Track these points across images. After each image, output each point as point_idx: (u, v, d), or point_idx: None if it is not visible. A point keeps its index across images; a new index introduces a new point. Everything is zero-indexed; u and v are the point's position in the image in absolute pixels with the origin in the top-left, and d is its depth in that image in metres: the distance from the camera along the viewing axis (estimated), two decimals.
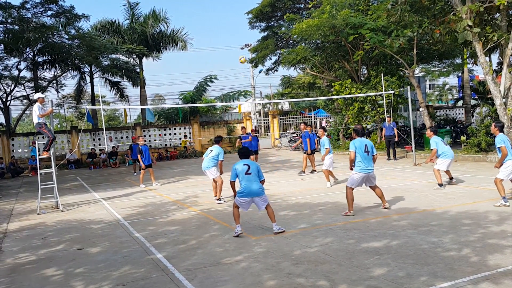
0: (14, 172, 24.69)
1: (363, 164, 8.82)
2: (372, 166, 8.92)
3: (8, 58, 31.05)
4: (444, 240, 6.69)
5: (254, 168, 7.81)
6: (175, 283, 5.61)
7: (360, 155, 8.82)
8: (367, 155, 8.85)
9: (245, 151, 8.29)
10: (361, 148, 8.84)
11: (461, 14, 15.67)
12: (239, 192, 7.74)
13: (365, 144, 8.92)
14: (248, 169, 7.77)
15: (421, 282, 5.09)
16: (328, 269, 5.72)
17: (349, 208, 8.78)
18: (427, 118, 20.32)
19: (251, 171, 7.75)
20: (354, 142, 8.98)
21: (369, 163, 8.88)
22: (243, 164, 7.83)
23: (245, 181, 7.72)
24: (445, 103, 57.26)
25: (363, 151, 8.83)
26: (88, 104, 41.39)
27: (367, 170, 8.83)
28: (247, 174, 7.74)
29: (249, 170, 7.75)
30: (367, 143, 8.97)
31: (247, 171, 7.75)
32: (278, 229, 7.67)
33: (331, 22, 20.62)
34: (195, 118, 32.72)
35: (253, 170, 7.78)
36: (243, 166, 7.80)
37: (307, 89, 45.39)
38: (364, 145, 8.89)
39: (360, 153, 8.82)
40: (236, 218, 7.75)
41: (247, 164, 7.85)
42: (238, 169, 7.80)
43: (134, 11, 34.47)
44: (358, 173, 8.85)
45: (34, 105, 11.90)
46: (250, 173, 7.75)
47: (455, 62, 32.08)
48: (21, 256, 7.38)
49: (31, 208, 12.45)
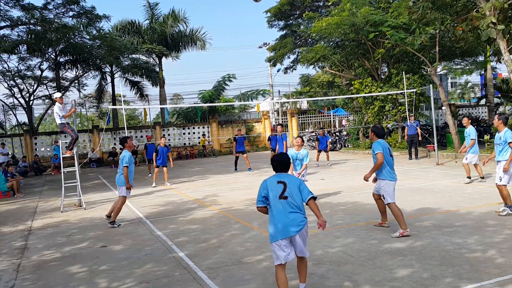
0: (37, 171, 25.13)
1: (391, 170, 7.43)
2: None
3: (31, 58, 31.72)
4: (468, 241, 6.58)
5: (293, 188, 4.90)
6: (198, 281, 5.64)
7: (385, 159, 7.34)
8: (392, 159, 7.54)
9: (282, 159, 5.21)
10: (386, 151, 7.40)
11: (485, 10, 15.36)
12: (270, 233, 4.90)
13: (388, 147, 7.54)
14: (284, 189, 4.89)
15: (446, 284, 5.02)
16: (351, 269, 5.68)
17: (402, 225, 7.12)
18: (450, 117, 20.01)
19: (288, 194, 4.86)
20: (380, 142, 7.44)
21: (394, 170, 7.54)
22: (276, 182, 4.96)
23: (278, 211, 4.83)
24: (468, 102, 56.34)
25: (388, 155, 7.43)
26: (108, 103, 41.89)
27: (396, 177, 7.48)
28: (283, 199, 4.87)
29: (285, 192, 4.88)
30: (388, 146, 7.62)
31: (282, 194, 4.88)
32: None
33: (351, 20, 20.47)
34: (213, 117, 32.85)
35: (292, 192, 4.87)
36: (277, 185, 4.93)
37: (326, 87, 45.14)
38: (387, 148, 7.49)
39: (386, 157, 7.37)
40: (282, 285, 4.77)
41: (283, 181, 4.95)
42: (270, 189, 4.93)
43: (154, 11, 34.75)
44: (392, 182, 7.41)
45: (54, 106, 12.09)
46: (286, 196, 4.86)
47: (478, 60, 31.51)
48: (46, 253, 7.52)
49: (54, 206, 12.66)
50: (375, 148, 7.35)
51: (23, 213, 11.95)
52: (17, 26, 25.58)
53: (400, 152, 21.77)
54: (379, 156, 7.26)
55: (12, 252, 7.81)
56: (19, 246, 8.22)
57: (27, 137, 28.03)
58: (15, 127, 39.24)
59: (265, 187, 4.97)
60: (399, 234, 7.01)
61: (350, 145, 27.34)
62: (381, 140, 7.52)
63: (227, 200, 11.71)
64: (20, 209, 12.77)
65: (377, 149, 7.31)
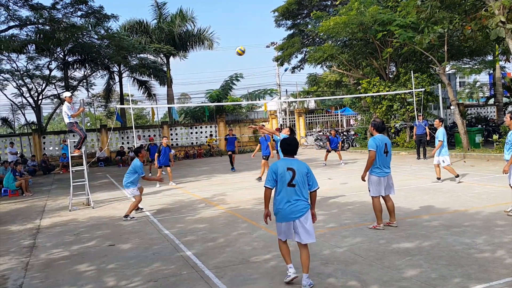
0: (45, 170, 25.29)
1: (381, 167, 7.55)
2: (389, 169, 7.68)
3: (40, 58, 31.92)
4: (477, 241, 6.54)
5: (300, 176, 5.22)
6: (205, 280, 5.64)
7: (378, 157, 7.48)
8: (385, 156, 7.57)
9: (291, 142, 5.47)
10: (381, 147, 7.48)
11: (494, 10, 15.27)
12: (274, 212, 5.34)
13: (385, 142, 7.58)
14: (293, 177, 5.17)
15: (455, 284, 4.98)
16: (359, 269, 5.66)
17: (378, 221, 7.59)
18: (458, 116, 19.88)
19: (296, 181, 5.18)
20: (375, 139, 7.55)
21: (388, 166, 7.64)
22: (286, 169, 5.21)
23: (284, 195, 5.19)
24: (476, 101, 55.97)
25: (382, 152, 7.50)
26: (116, 103, 42.09)
27: (385, 173, 7.60)
28: (291, 186, 5.19)
29: (293, 179, 5.17)
30: (387, 141, 7.65)
31: (291, 181, 5.17)
32: (309, 284, 5.14)
33: (359, 19, 20.38)
34: (221, 116, 32.90)
35: (300, 180, 5.20)
36: (287, 171, 5.19)
37: (334, 87, 45.02)
38: (384, 144, 7.54)
39: (378, 153, 7.47)
40: (286, 256, 5.40)
41: (292, 168, 5.21)
42: (280, 173, 5.22)
43: (162, 10, 34.85)
44: (376, 177, 7.58)
45: (63, 105, 12.16)
46: (294, 184, 5.18)
47: (487, 59, 31.28)
48: (55, 252, 7.56)
49: (62, 205, 12.74)
50: (368, 145, 7.63)
51: (32, 212, 12.03)
52: (26, 26, 25.68)
53: (408, 151, 21.67)
54: (371, 154, 7.51)
55: (20, 250, 7.87)
56: (27, 244, 8.28)
57: (36, 136, 28.22)
58: (23, 127, 39.50)
59: (276, 172, 5.23)
60: (372, 227, 7.61)
61: (358, 144, 27.26)
62: (378, 135, 7.66)
63: (234, 199, 11.72)
64: (28, 208, 12.86)
65: (370, 147, 7.56)
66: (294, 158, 5.42)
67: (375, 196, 7.66)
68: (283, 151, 5.45)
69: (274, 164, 5.33)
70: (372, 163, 7.54)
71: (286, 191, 5.17)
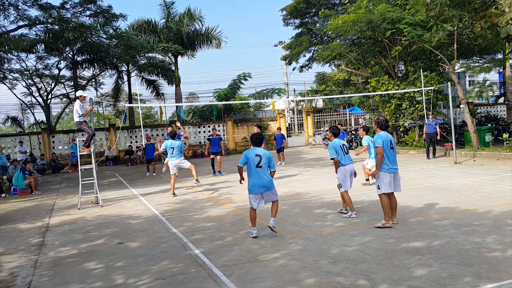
0: (54, 168, 25.47)
1: (389, 163, 7.61)
2: (397, 165, 7.76)
3: (49, 57, 32.11)
4: (487, 240, 6.46)
5: (265, 160, 7.33)
6: (213, 278, 5.63)
7: (385, 153, 7.59)
8: (392, 152, 7.69)
9: (259, 136, 7.67)
10: (387, 144, 7.62)
11: (504, 7, 15.07)
12: (248, 188, 7.42)
13: (390, 139, 7.74)
14: (260, 161, 7.27)
15: (465, 283, 4.93)
16: (368, 268, 5.61)
17: (386, 217, 7.58)
18: (468, 115, 19.71)
19: (263, 164, 7.29)
20: (381, 136, 7.62)
21: (395, 162, 7.72)
22: (255, 155, 7.32)
23: (254, 175, 7.31)
24: (486, 100, 55.51)
25: (388, 148, 7.63)
26: (125, 102, 42.27)
27: (394, 169, 7.65)
28: (258, 168, 7.29)
29: (260, 163, 7.27)
30: (391, 138, 7.81)
31: (258, 164, 7.27)
32: (273, 225, 7.32)
33: (367, 17, 20.27)
34: (229, 115, 32.90)
35: (264, 162, 7.31)
36: (255, 157, 7.30)
37: (342, 86, 44.90)
38: (389, 140, 7.70)
39: (385, 149, 7.59)
40: (252, 220, 7.47)
41: (259, 154, 7.32)
42: (249, 158, 7.32)
43: (170, 10, 34.92)
44: (387, 173, 7.58)
45: (75, 103, 12.21)
46: (261, 166, 7.28)
47: (497, 58, 30.98)
48: (63, 250, 7.58)
49: (71, 203, 12.80)
50: (375, 142, 7.65)
51: (41, 210, 12.10)
52: (35, 25, 25.86)
53: (418, 150, 21.52)
54: (379, 150, 7.53)
55: (29, 248, 7.90)
56: (36, 242, 8.32)
57: (45, 135, 28.41)
58: (33, 126, 39.86)
59: (247, 157, 7.39)
60: (381, 224, 7.53)
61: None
62: (382, 132, 7.77)
63: (242, 198, 11.68)
64: (37, 206, 12.94)
65: (376, 143, 7.59)
66: (260, 148, 7.51)
67: (385, 193, 7.60)
68: (253, 143, 7.61)
69: (246, 151, 7.48)
70: (382, 159, 7.53)
71: (256, 171, 7.32)
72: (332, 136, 8.85)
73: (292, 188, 12.72)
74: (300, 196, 11.48)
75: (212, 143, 17.31)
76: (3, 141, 27.87)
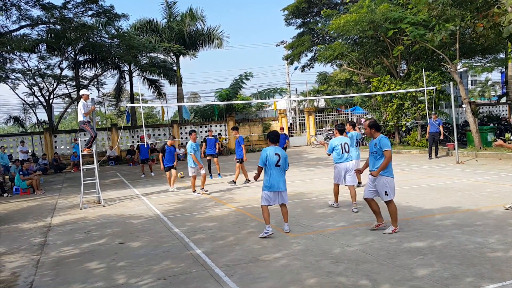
0: (56, 168, 25.49)
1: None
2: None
3: (51, 57, 32.15)
4: (490, 240, 6.45)
5: (283, 160, 7.42)
6: (215, 278, 5.62)
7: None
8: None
9: (276, 134, 7.73)
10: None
11: (506, 7, 15.03)
12: (266, 186, 7.39)
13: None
14: (279, 160, 7.34)
15: (467, 283, 4.91)
16: (370, 268, 5.60)
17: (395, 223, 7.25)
18: (470, 115, 19.66)
19: (281, 163, 7.38)
20: (387, 138, 7.38)
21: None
22: (274, 154, 7.38)
23: (273, 174, 7.33)
24: (488, 100, 55.39)
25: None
26: (127, 102, 42.31)
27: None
28: (277, 166, 7.35)
29: (279, 162, 7.34)
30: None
31: (277, 162, 7.33)
32: (287, 229, 7.53)
33: (369, 17, 20.24)
34: (230, 115, 32.89)
35: (282, 162, 7.40)
36: (274, 155, 7.36)
37: (344, 85, 44.83)
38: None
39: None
40: (267, 218, 7.44)
41: (278, 154, 7.40)
42: (269, 157, 7.35)
43: (172, 10, 34.95)
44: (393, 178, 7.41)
45: (79, 103, 12.22)
46: (279, 165, 7.36)
47: (499, 57, 30.91)
48: (65, 249, 7.59)
49: (73, 203, 12.82)
50: (384, 145, 7.16)
51: (43, 210, 12.11)
52: (37, 25, 25.87)
53: (419, 150, 21.48)
54: (390, 154, 7.14)
55: (31, 248, 7.91)
56: (38, 242, 8.33)
57: (47, 135, 28.43)
58: (35, 125, 39.90)
59: (267, 155, 7.38)
60: (391, 231, 7.12)
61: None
62: (384, 135, 7.37)
63: (244, 197, 11.70)
64: (40, 206, 12.96)
65: (387, 146, 7.16)
66: (279, 147, 7.58)
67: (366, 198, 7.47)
68: (270, 140, 7.58)
69: (265, 150, 7.46)
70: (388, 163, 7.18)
71: (275, 170, 7.35)
72: (338, 133, 9.60)
73: (294, 188, 12.71)
74: (302, 196, 11.47)
75: (208, 144, 16.52)
76: (5, 140, 27.91)
